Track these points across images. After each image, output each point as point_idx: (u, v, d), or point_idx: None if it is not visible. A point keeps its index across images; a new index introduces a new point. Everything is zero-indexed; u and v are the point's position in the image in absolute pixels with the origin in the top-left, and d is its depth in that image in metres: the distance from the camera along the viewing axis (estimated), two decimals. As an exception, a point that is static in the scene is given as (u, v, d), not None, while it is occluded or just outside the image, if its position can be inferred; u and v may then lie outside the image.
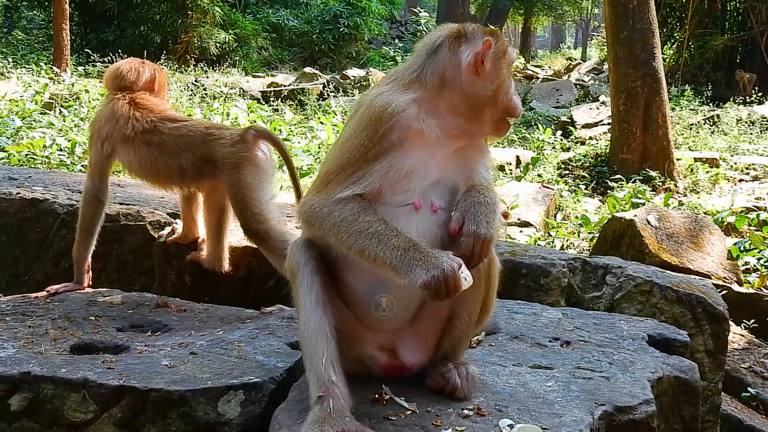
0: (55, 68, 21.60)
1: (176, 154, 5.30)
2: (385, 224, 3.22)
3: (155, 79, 5.72)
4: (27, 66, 23.27)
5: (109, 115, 5.45)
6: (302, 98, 22.16)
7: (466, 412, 3.35)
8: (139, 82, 5.61)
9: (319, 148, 15.12)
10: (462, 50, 3.42)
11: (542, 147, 18.09)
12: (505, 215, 10.55)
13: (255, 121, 15.97)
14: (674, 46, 29.46)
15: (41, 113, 15.17)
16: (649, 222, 8.64)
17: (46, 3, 30.27)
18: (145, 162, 5.34)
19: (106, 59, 25.14)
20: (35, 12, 34.19)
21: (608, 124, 18.61)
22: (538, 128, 19.62)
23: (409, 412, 3.35)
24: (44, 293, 5.23)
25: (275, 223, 5.22)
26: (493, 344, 4.26)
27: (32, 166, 11.22)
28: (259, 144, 5.38)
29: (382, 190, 3.34)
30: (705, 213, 11.97)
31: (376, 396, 3.45)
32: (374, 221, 3.23)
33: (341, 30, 35.40)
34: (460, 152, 3.50)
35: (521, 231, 11.12)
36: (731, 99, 22.75)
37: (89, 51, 26.78)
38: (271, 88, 24.34)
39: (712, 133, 19.47)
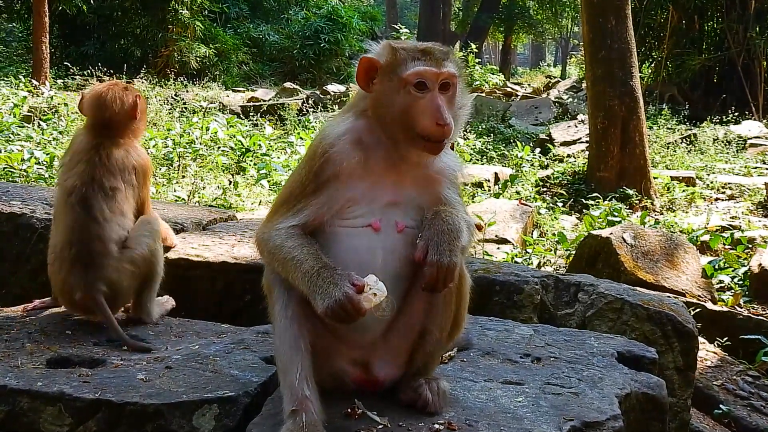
0: (34, 81, 21.53)
1: None
2: (303, 248, 3.32)
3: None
4: (5, 79, 23.14)
5: None
6: (282, 113, 22.22)
7: (437, 426, 3.38)
8: None
9: (298, 163, 15.08)
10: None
11: (521, 164, 18.20)
12: (479, 227, 10.56)
13: (234, 136, 15.96)
14: (652, 65, 29.74)
15: (19, 126, 15.08)
16: (624, 240, 8.72)
17: (26, 15, 30.23)
18: None
19: (85, 72, 25.16)
20: (14, 24, 34.06)
21: (586, 142, 18.71)
22: (516, 145, 19.69)
23: (381, 427, 3.38)
24: (21, 308, 5.23)
25: None
26: (464, 360, 4.29)
27: (10, 179, 11.17)
28: None
29: (323, 219, 3.43)
30: (681, 231, 12.05)
31: (349, 410, 3.48)
32: (295, 246, 3.34)
33: (322, 45, 35.55)
34: (418, 171, 3.52)
35: (498, 248, 11.14)
36: (708, 118, 22.95)
37: (69, 64, 26.70)
38: (251, 103, 24.39)
39: (688, 152, 19.66)
